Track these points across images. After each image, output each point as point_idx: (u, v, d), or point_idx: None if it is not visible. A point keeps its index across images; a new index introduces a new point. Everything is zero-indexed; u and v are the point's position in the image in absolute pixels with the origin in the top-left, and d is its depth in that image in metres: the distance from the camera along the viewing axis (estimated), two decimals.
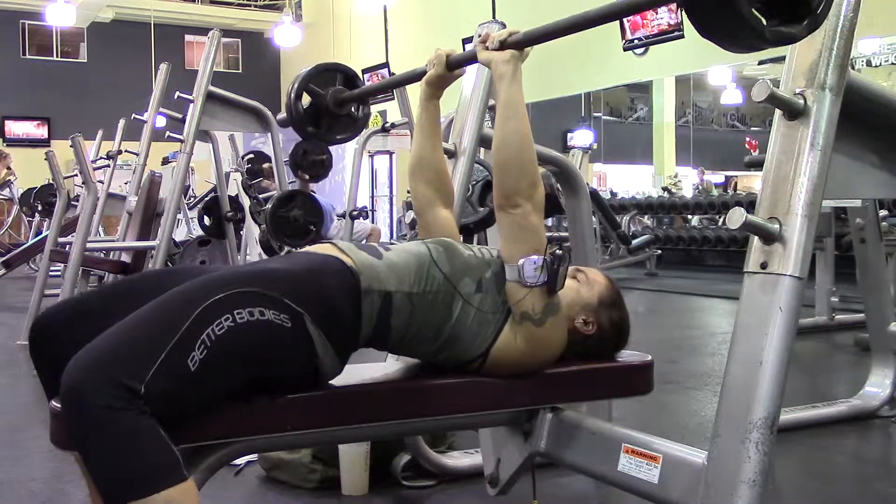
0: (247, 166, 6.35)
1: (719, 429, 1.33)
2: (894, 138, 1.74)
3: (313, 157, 5.61)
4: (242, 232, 6.29)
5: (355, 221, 6.47)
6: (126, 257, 5.49)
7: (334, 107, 2.08)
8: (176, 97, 4.44)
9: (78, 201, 6.41)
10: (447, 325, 1.48)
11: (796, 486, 2.53)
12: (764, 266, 1.35)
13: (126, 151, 6.75)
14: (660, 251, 10.05)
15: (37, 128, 17.29)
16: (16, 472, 2.63)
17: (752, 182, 15.83)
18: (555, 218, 9.03)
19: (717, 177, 17.79)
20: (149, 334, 1.24)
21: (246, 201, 6.00)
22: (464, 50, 1.77)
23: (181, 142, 4.44)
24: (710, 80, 16.84)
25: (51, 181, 7.76)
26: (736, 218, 1.32)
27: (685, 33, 8.11)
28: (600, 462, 1.53)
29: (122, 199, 6.31)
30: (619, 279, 5.23)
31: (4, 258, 7.64)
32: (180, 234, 8.02)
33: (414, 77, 1.82)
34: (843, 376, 4.28)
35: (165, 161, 10.37)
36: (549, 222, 9.48)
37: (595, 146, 15.41)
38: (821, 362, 4.67)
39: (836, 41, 1.42)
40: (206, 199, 6.40)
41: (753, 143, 14.56)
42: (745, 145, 14.48)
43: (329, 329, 1.38)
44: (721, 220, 10.66)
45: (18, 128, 17.21)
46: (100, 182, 6.09)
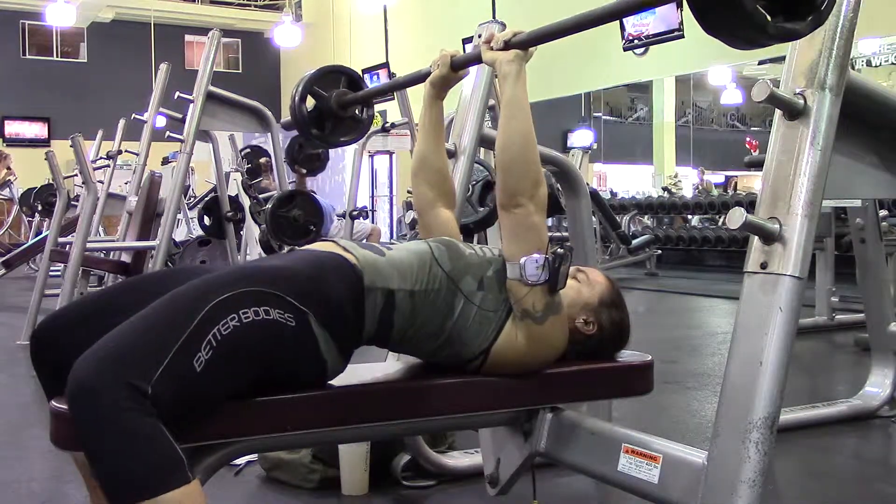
0: (246, 166, 6.34)
1: (719, 429, 1.33)
2: (894, 138, 1.74)
3: (309, 151, 5.61)
4: (242, 232, 6.28)
5: (355, 221, 6.47)
6: (126, 257, 5.49)
7: (338, 109, 2.07)
8: (176, 97, 4.44)
9: (78, 201, 6.41)
10: (449, 322, 1.48)
11: (796, 486, 2.53)
12: (764, 266, 1.35)
13: (126, 151, 6.77)
14: (660, 251, 10.06)
15: (36, 127, 17.28)
16: (16, 472, 2.63)
17: (752, 182, 15.85)
18: (555, 218, 9.03)
19: (717, 177, 17.81)
20: (155, 335, 1.24)
21: (246, 201, 6.00)
22: (464, 50, 1.77)
23: (181, 142, 4.45)
24: (710, 80, 16.87)
25: (51, 181, 7.76)
26: (736, 218, 1.31)
27: (685, 33, 8.10)
28: (600, 462, 1.53)
29: (122, 199, 6.31)
30: (619, 279, 5.23)
31: (4, 258, 7.65)
32: (180, 234, 8.02)
33: (418, 78, 1.82)
34: (843, 376, 4.28)
35: (165, 161, 10.39)
36: (550, 222, 9.48)
37: (595, 146, 15.45)
38: (821, 362, 4.67)
39: (836, 41, 1.42)
40: (206, 199, 6.40)
41: (753, 143, 14.57)
42: (745, 145, 14.48)
43: (332, 327, 1.38)
44: (721, 220, 10.67)
45: (18, 128, 17.22)
46: (100, 182, 6.10)
